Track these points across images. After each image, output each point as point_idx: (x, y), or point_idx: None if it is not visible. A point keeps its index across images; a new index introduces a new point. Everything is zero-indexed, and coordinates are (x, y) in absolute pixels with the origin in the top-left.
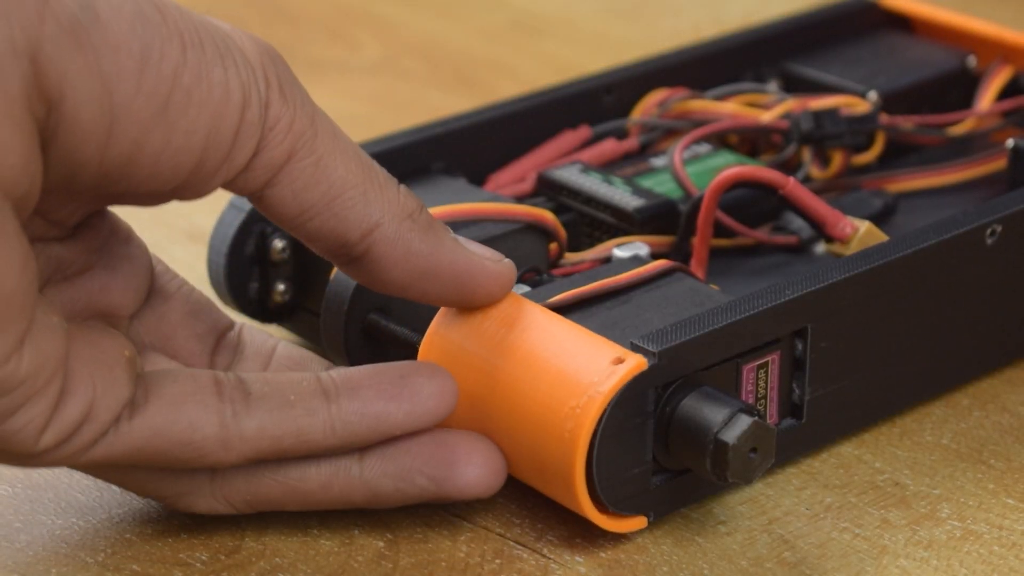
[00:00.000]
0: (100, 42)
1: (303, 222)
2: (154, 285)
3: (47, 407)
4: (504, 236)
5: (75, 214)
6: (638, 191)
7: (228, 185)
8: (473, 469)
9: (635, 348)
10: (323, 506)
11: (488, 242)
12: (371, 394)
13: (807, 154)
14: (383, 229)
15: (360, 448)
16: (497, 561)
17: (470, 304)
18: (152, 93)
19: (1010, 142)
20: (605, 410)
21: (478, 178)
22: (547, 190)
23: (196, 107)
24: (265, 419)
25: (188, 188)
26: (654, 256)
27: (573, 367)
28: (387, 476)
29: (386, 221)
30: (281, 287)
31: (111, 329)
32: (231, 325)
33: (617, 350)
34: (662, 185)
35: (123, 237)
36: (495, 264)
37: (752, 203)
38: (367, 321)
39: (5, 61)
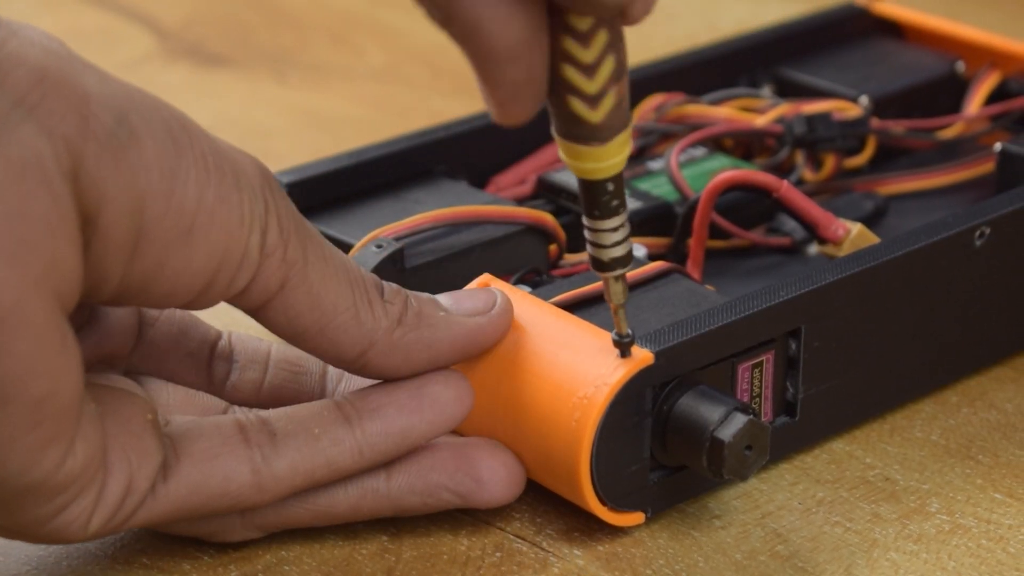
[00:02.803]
0: (136, 160)
1: (300, 342)
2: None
3: (95, 495)
4: (505, 238)
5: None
6: (635, 193)
7: (229, 303)
8: (497, 482)
9: None
10: (352, 521)
11: (489, 243)
12: (392, 411)
13: (800, 157)
14: (377, 346)
15: (386, 465)
16: (497, 554)
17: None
18: (179, 213)
19: (998, 146)
20: (604, 408)
21: (479, 181)
22: (547, 192)
23: (217, 229)
24: (295, 457)
25: (189, 305)
26: (651, 257)
27: (580, 360)
28: (414, 493)
29: (378, 338)
30: None
31: (127, 390)
32: (219, 335)
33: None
34: (659, 188)
35: None
36: (489, 318)
37: (747, 205)
38: None
39: (56, 180)
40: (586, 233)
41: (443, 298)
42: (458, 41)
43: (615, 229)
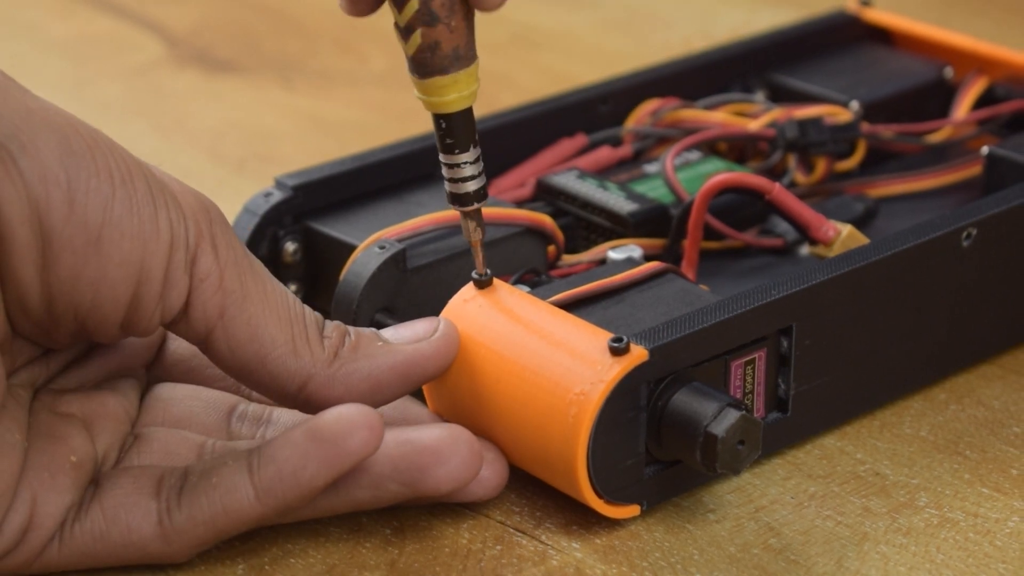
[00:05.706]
0: (27, 171)
1: (244, 376)
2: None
3: None
4: (505, 239)
5: (68, 342)
6: (632, 196)
7: (175, 331)
8: (442, 465)
9: None
10: (312, 518)
11: (489, 244)
12: (284, 452)
13: (792, 161)
14: (316, 379)
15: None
16: (498, 547)
17: (427, 382)
18: (83, 223)
19: (985, 149)
20: (601, 404)
21: None
22: (546, 195)
23: (128, 240)
24: (194, 508)
25: (133, 325)
26: (647, 258)
27: (577, 357)
28: (361, 487)
29: (317, 370)
30: (293, 288)
31: (66, 431)
32: None
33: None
34: (655, 190)
35: None
36: (429, 343)
37: (740, 207)
38: (374, 320)
39: None
40: (443, 170)
41: (386, 331)
42: None
43: (469, 164)
